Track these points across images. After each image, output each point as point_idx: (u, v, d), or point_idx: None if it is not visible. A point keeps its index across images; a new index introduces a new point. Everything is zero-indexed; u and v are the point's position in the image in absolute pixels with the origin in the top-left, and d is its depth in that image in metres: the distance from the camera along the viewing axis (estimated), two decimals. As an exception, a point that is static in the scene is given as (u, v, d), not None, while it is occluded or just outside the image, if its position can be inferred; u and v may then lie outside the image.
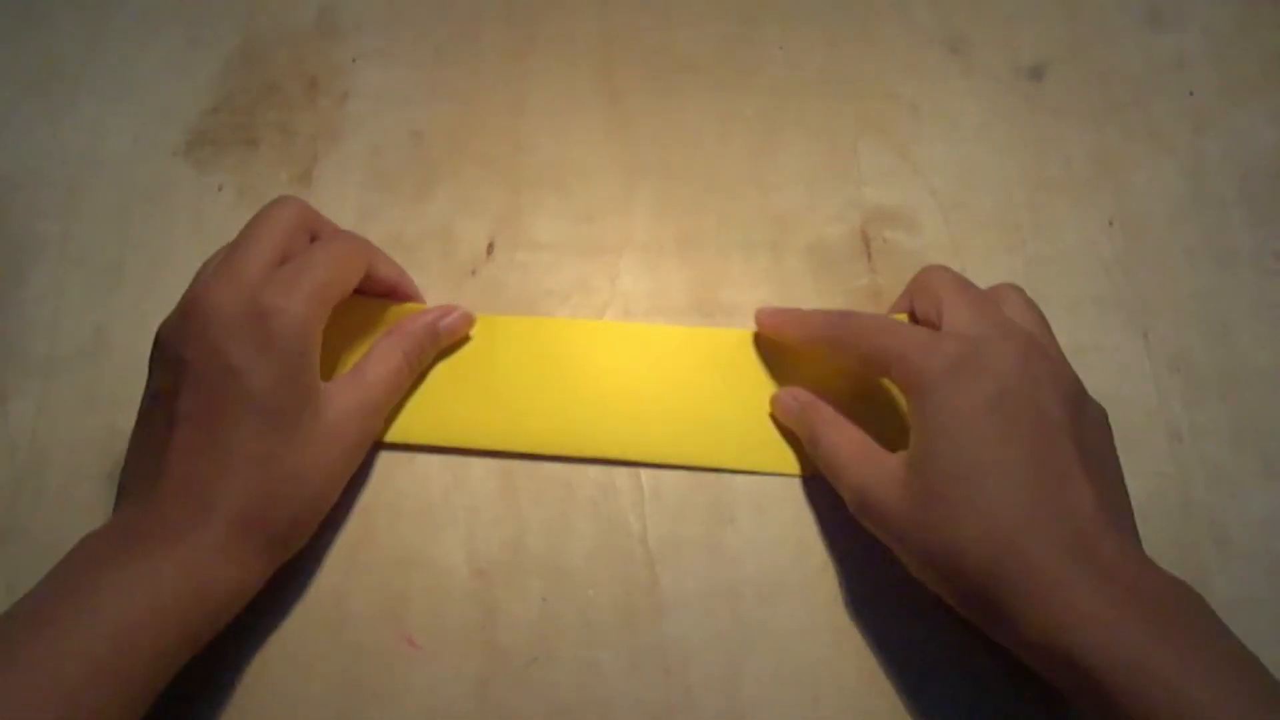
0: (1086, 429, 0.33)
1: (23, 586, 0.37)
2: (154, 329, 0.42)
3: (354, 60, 0.47)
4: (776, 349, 0.40)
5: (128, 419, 0.40)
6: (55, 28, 0.48)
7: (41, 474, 0.39)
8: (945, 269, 0.38)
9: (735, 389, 0.40)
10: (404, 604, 0.37)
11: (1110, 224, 0.44)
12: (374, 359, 0.37)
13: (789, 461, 0.39)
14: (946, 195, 0.45)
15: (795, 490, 0.39)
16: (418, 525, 0.38)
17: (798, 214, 0.44)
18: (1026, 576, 0.29)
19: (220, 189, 0.45)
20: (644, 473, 0.39)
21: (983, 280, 0.43)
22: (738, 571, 0.37)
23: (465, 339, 0.40)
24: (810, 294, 0.43)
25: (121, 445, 0.39)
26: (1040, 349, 0.34)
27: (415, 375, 0.39)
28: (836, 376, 0.39)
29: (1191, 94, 0.47)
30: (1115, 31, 0.48)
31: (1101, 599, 0.29)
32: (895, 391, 0.38)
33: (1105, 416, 0.35)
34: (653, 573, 0.37)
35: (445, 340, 0.40)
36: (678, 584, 0.37)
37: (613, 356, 0.40)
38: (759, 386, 0.40)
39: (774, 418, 0.39)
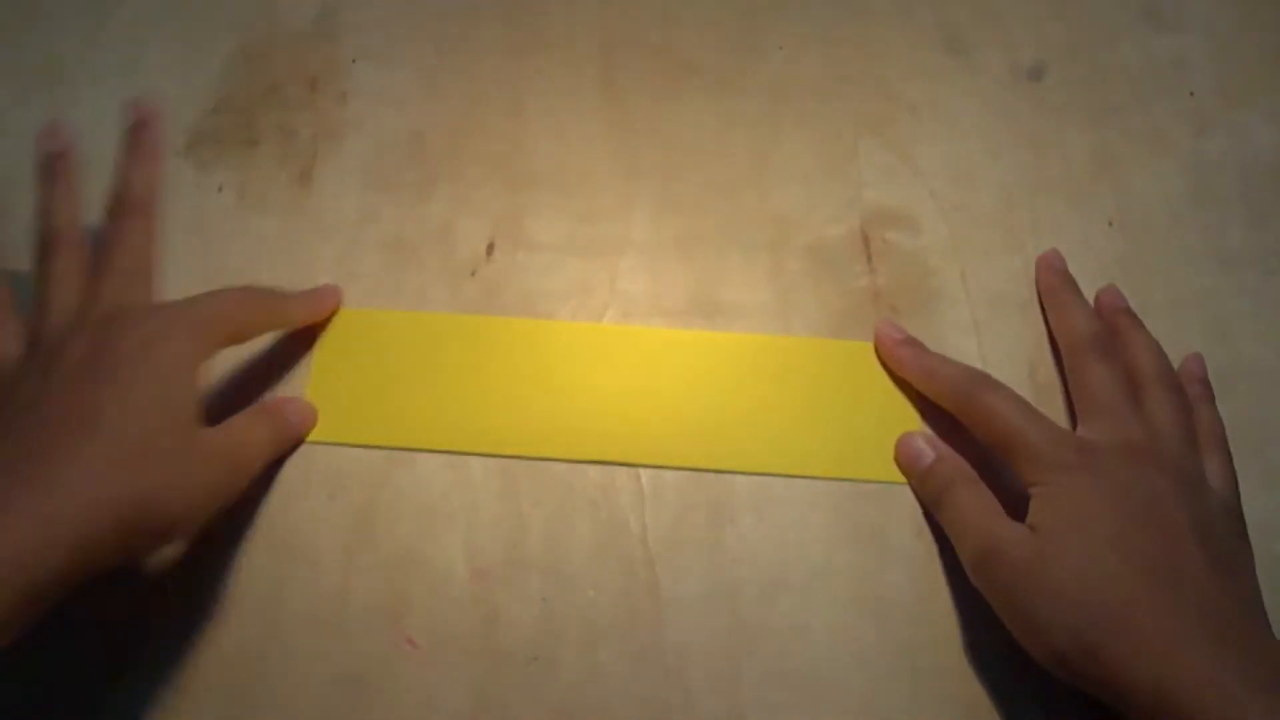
0: (1212, 526, 0.34)
1: (23, 587, 0.37)
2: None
3: (354, 60, 0.47)
4: (775, 353, 0.40)
5: (128, 419, 0.40)
6: (55, 27, 0.48)
7: (41, 474, 0.39)
8: (1128, 315, 0.40)
9: (740, 392, 0.40)
10: (404, 604, 0.37)
11: (1110, 224, 0.44)
12: (241, 425, 0.36)
13: (792, 462, 0.39)
14: (946, 195, 0.45)
15: (795, 490, 0.39)
16: (418, 525, 0.38)
17: (798, 214, 0.44)
18: (1147, 637, 0.30)
19: (220, 189, 0.45)
20: (644, 473, 0.39)
21: (983, 280, 0.43)
22: (738, 571, 0.37)
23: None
24: (810, 294, 0.43)
25: (121, 445, 0.39)
26: (1162, 463, 0.35)
27: (268, 456, 0.38)
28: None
29: (1191, 94, 0.47)
30: (1115, 31, 0.48)
31: (1219, 664, 0.29)
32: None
33: (1235, 516, 0.36)
34: (653, 573, 0.37)
35: (293, 431, 0.39)
36: (678, 584, 0.37)
37: (611, 359, 0.40)
38: (764, 390, 0.40)
39: (897, 461, 0.39)
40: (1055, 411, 0.40)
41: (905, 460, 0.38)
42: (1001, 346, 0.42)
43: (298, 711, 0.35)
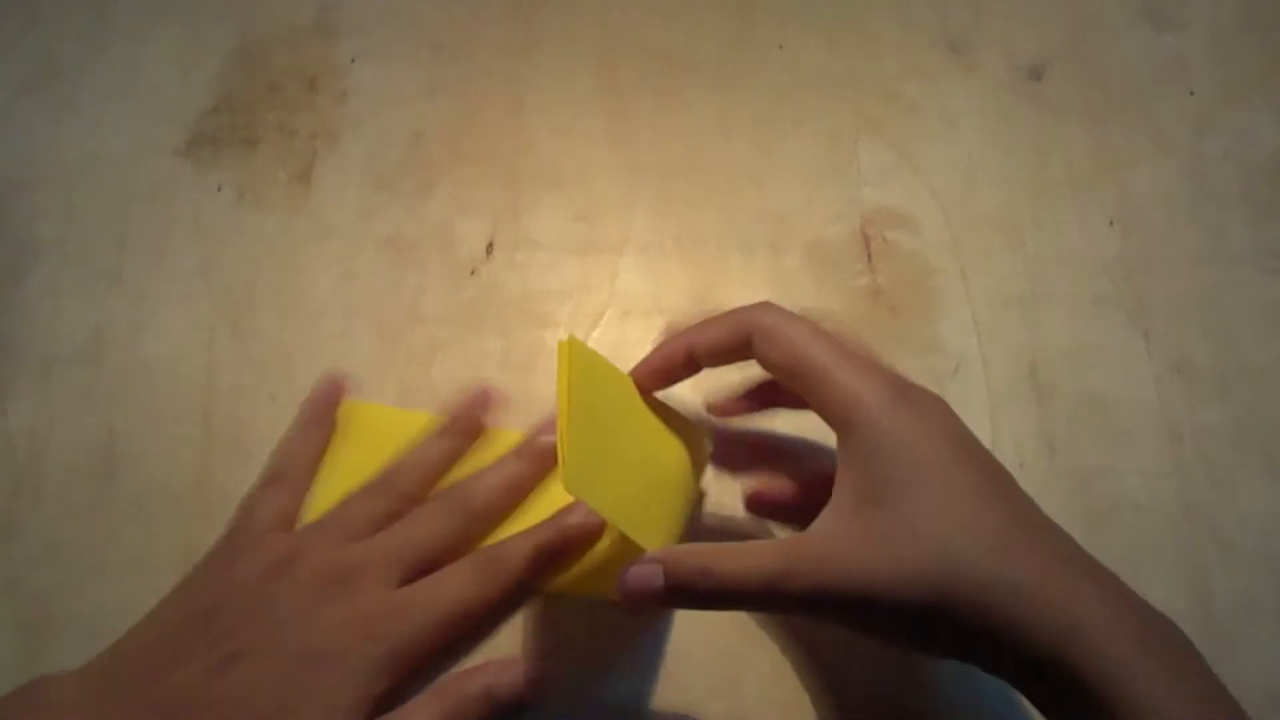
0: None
1: (22, 586, 0.37)
2: (153, 328, 0.42)
3: (353, 60, 0.47)
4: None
5: (126, 419, 0.40)
6: (55, 28, 0.48)
7: (41, 474, 0.39)
8: (780, 311, 0.33)
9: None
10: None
11: (1110, 224, 0.44)
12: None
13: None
14: (946, 195, 0.44)
15: (795, 490, 0.39)
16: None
17: (798, 214, 0.44)
18: (1033, 584, 0.27)
19: (220, 189, 0.45)
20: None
21: (983, 279, 0.43)
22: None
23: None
24: (810, 294, 0.42)
25: (121, 445, 0.39)
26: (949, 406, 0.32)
27: None
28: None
29: (1192, 94, 0.47)
30: (1115, 31, 0.48)
31: (1109, 613, 0.27)
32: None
33: None
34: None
35: (502, 706, 0.34)
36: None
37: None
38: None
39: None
40: (1059, 416, 0.40)
41: (641, 593, 0.30)
42: (1001, 346, 0.42)
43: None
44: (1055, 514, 0.39)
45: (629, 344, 0.42)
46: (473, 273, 0.43)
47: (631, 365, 0.39)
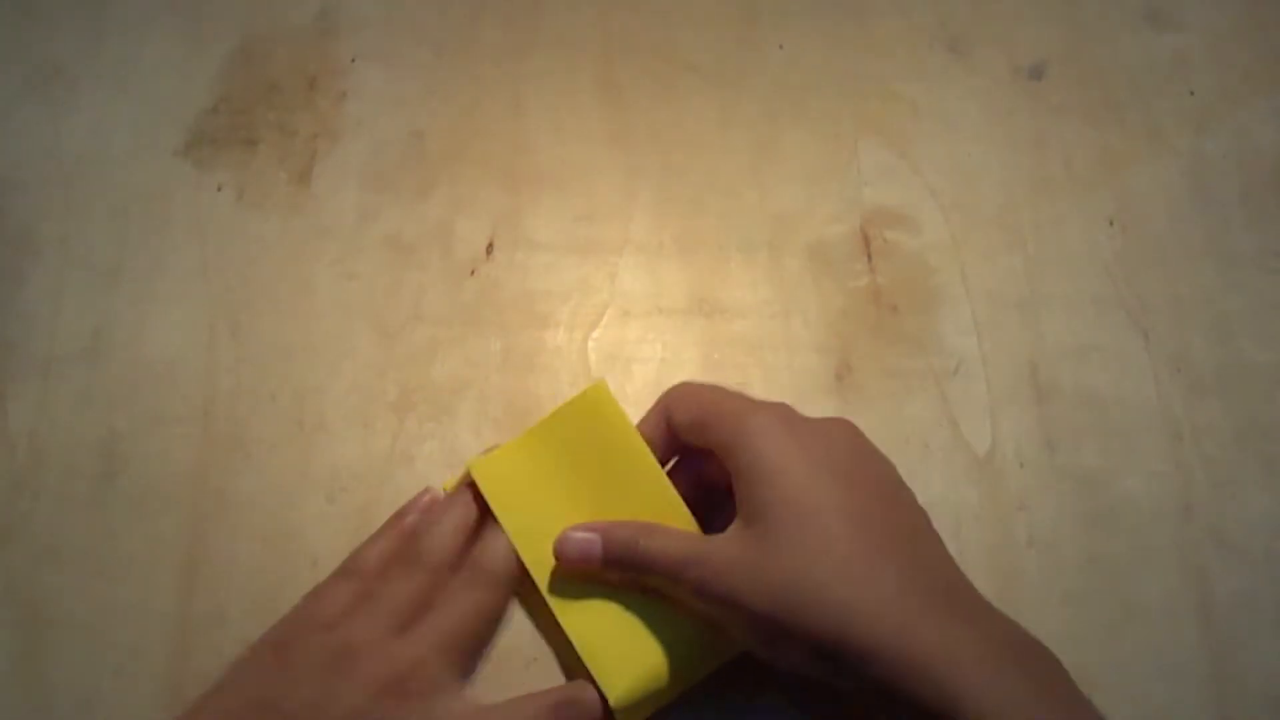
0: (910, 499, 0.33)
1: (22, 586, 0.37)
2: (154, 329, 0.42)
3: (354, 60, 0.47)
4: None
5: (127, 419, 0.40)
6: (55, 27, 0.48)
7: (40, 474, 0.39)
8: (710, 388, 0.36)
9: None
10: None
11: (1110, 224, 0.44)
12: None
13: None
14: (946, 195, 0.45)
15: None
16: (417, 525, 0.38)
17: (798, 214, 0.44)
18: (881, 609, 0.28)
19: (220, 189, 0.45)
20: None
21: (984, 279, 0.43)
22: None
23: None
24: (810, 294, 0.43)
25: (121, 445, 0.39)
26: (857, 428, 0.34)
27: None
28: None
29: (1192, 94, 0.47)
30: (1115, 31, 0.48)
31: (963, 641, 0.28)
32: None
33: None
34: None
35: None
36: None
37: None
38: None
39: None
40: (1059, 416, 0.40)
41: (579, 560, 0.35)
42: (1001, 346, 0.42)
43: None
44: (1055, 514, 0.40)
45: (629, 344, 0.42)
46: (473, 273, 0.43)
47: (632, 366, 0.39)
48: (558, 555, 0.35)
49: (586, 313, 0.42)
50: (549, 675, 0.36)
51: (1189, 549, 0.38)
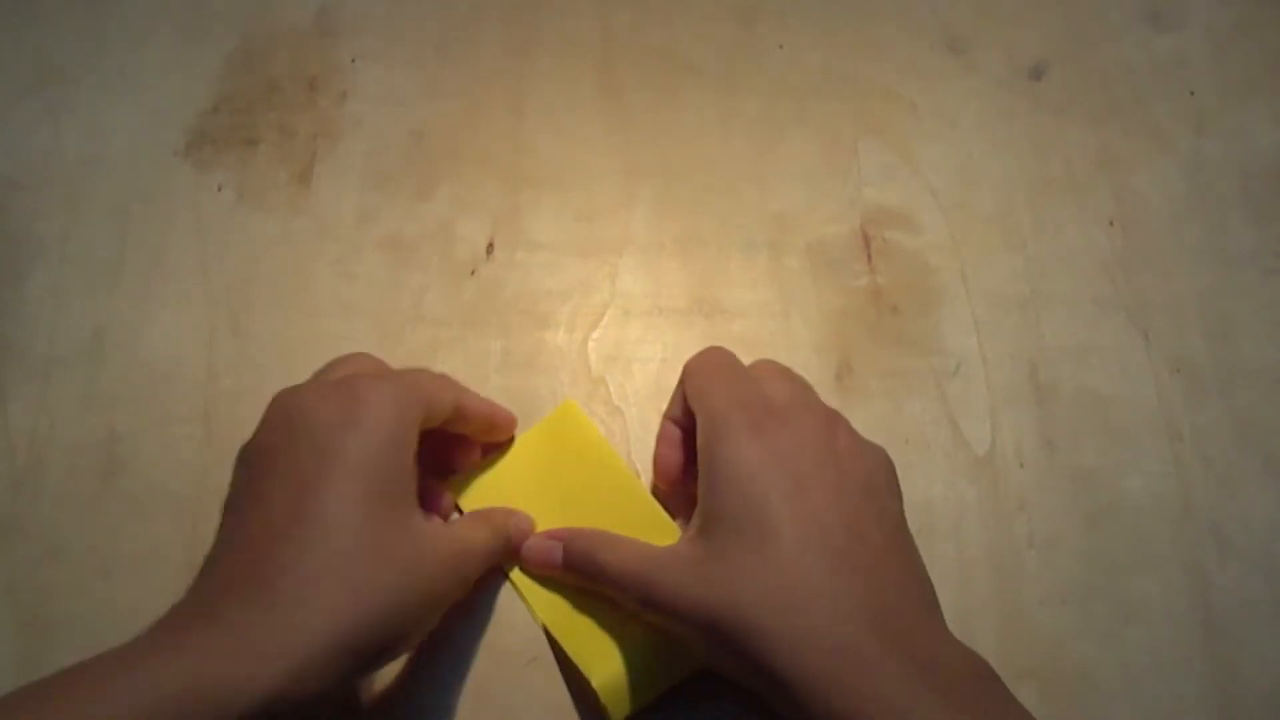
0: (889, 501, 0.32)
1: (22, 587, 0.37)
2: (154, 329, 0.42)
3: (354, 60, 0.47)
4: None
5: (127, 419, 0.40)
6: (55, 28, 0.48)
7: (41, 474, 0.39)
8: (719, 354, 0.36)
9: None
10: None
11: (1110, 224, 0.44)
12: (465, 524, 0.35)
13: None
14: (946, 195, 0.45)
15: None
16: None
17: (798, 214, 0.44)
18: (814, 640, 0.27)
19: (220, 189, 0.45)
20: (646, 474, 0.39)
21: (983, 279, 0.43)
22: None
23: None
24: (810, 294, 0.42)
25: (121, 445, 0.39)
26: (844, 424, 0.33)
27: (488, 564, 0.35)
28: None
29: (1192, 94, 0.47)
30: (1115, 31, 0.48)
31: (896, 676, 0.27)
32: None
33: (900, 495, 0.33)
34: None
35: (513, 544, 0.36)
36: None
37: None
38: None
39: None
40: (1059, 416, 0.40)
41: (541, 566, 0.35)
42: (1001, 346, 0.42)
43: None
44: (1055, 514, 0.40)
45: (629, 344, 0.42)
46: (473, 273, 0.43)
47: (632, 366, 0.39)
48: (522, 560, 0.36)
49: (587, 313, 0.42)
50: (549, 675, 0.36)
51: (1189, 549, 0.38)
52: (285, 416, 0.31)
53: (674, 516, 0.36)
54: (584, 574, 0.34)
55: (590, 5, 0.48)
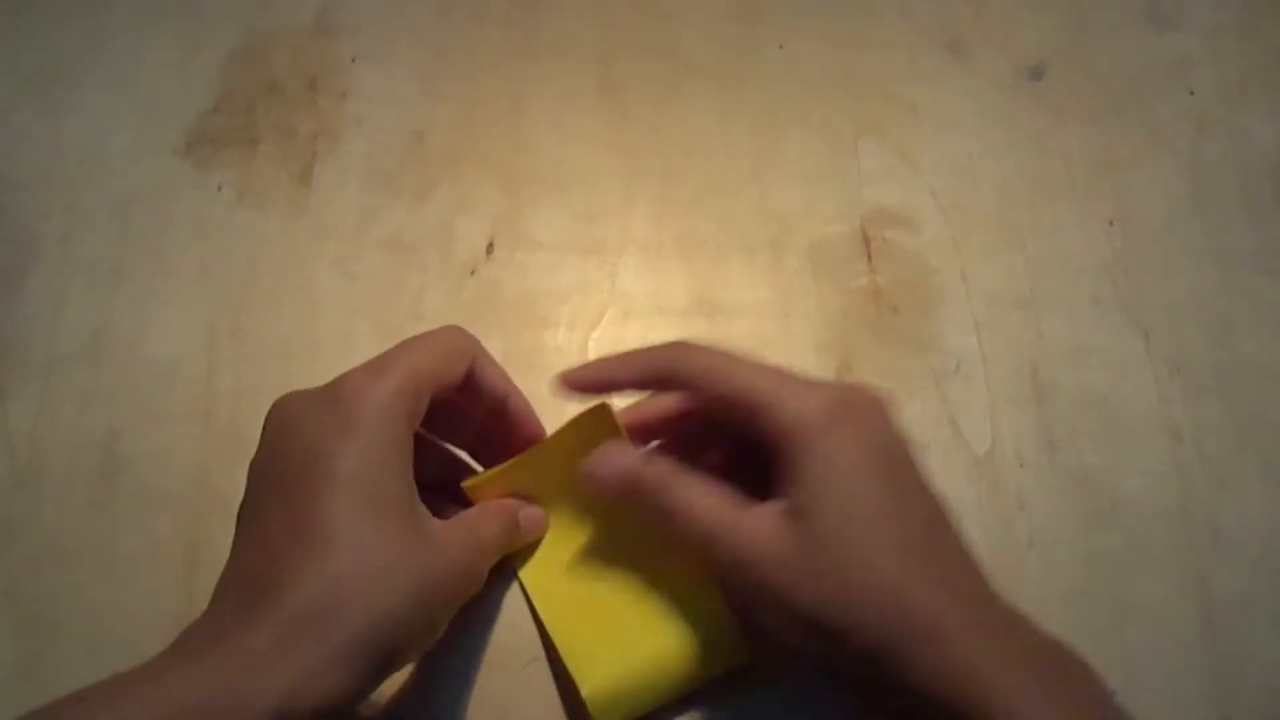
0: (930, 485, 0.32)
1: (22, 587, 0.37)
2: (154, 329, 0.42)
3: (354, 60, 0.47)
4: None
5: (127, 419, 0.40)
6: (55, 28, 0.48)
7: (41, 474, 0.39)
8: (714, 350, 0.33)
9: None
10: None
11: (1110, 224, 0.44)
12: (473, 516, 0.33)
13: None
14: (946, 195, 0.45)
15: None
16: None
17: (798, 214, 0.44)
18: (926, 623, 0.28)
19: (220, 189, 0.45)
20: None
21: (983, 279, 0.43)
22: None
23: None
24: (810, 294, 0.42)
25: (121, 445, 0.39)
26: (891, 406, 0.33)
27: (499, 554, 0.34)
28: None
29: (1191, 94, 0.47)
30: (1115, 31, 0.48)
31: (999, 652, 0.28)
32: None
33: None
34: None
35: (524, 538, 0.36)
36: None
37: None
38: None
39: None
40: (1059, 416, 0.40)
41: (605, 480, 0.33)
42: (1001, 346, 0.42)
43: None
44: (1055, 514, 0.40)
45: (629, 344, 0.41)
46: (473, 273, 0.43)
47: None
48: (590, 472, 0.33)
49: (586, 313, 0.42)
50: (549, 675, 0.36)
51: (1189, 549, 0.38)
52: (279, 428, 0.31)
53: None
54: (654, 508, 0.32)
55: (590, 5, 0.48)
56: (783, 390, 0.31)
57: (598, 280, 0.43)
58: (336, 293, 0.42)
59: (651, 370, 0.34)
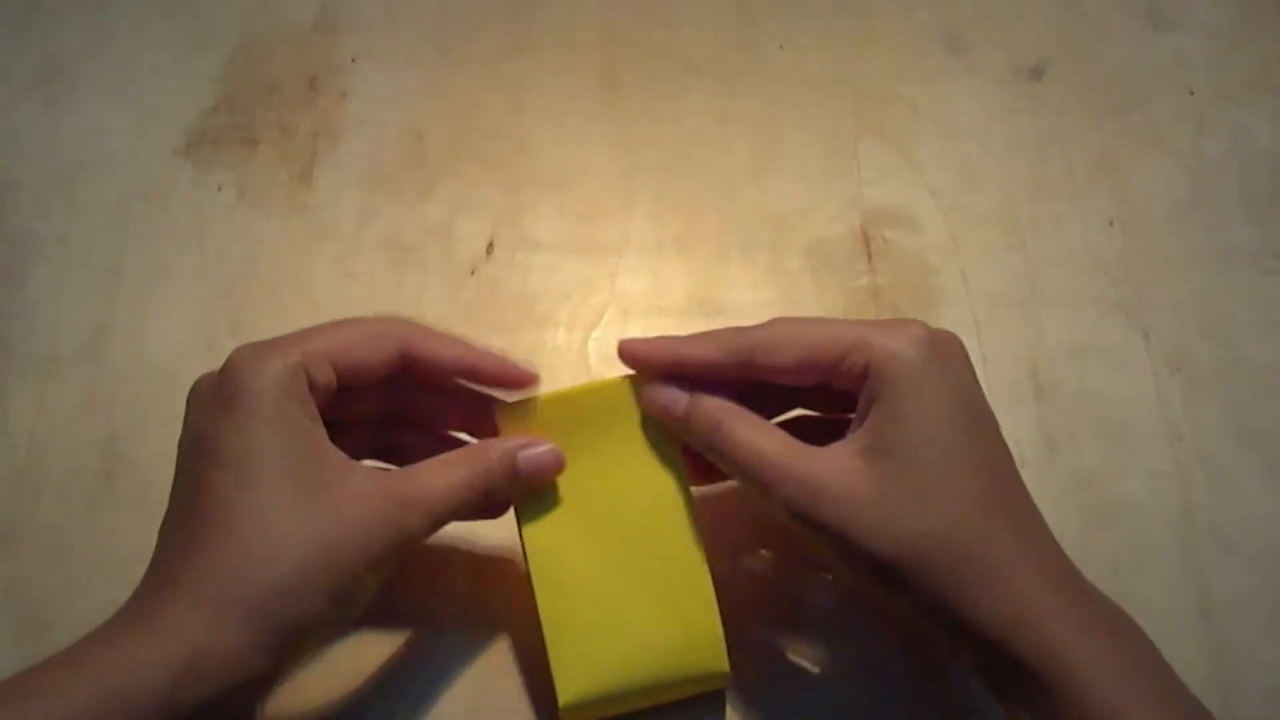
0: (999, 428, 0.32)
1: (22, 586, 0.37)
2: (154, 329, 0.42)
3: (354, 60, 0.47)
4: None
5: (127, 419, 0.40)
6: (55, 28, 0.48)
7: (41, 474, 0.39)
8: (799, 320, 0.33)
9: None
10: (404, 603, 0.37)
11: (1110, 224, 0.44)
12: (433, 464, 0.31)
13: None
14: (946, 195, 0.45)
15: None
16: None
17: (798, 214, 0.44)
18: (996, 568, 0.28)
19: (220, 189, 0.45)
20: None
21: (983, 279, 0.43)
22: (738, 571, 0.37)
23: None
24: (810, 294, 0.42)
25: (121, 445, 0.39)
26: (960, 353, 0.32)
27: (481, 506, 0.32)
28: None
29: (1192, 94, 0.47)
30: (1115, 31, 0.48)
31: (1063, 605, 0.28)
32: None
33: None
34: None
35: (525, 481, 0.33)
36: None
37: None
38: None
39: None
40: (1059, 416, 0.40)
41: (660, 411, 0.32)
42: (1001, 346, 0.42)
43: (297, 711, 0.35)
44: (1055, 513, 0.39)
45: (629, 344, 0.42)
46: (473, 273, 0.43)
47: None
48: (650, 397, 0.32)
49: (586, 313, 0.42)
50: (549, 675, 0.36)
51: (1189, 549, 0.38)
52: (186, 413, 0.31)
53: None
54: (706, 444, 0.31)
55: (590, 5, 0.48)
56: (869, 331, 0.31)
57: (597, 280, 0.43)
58: (336, 292, 0.42)
59: (730, 348, 0.32)
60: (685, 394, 0.32)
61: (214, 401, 0.30)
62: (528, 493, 0.33)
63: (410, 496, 0.30)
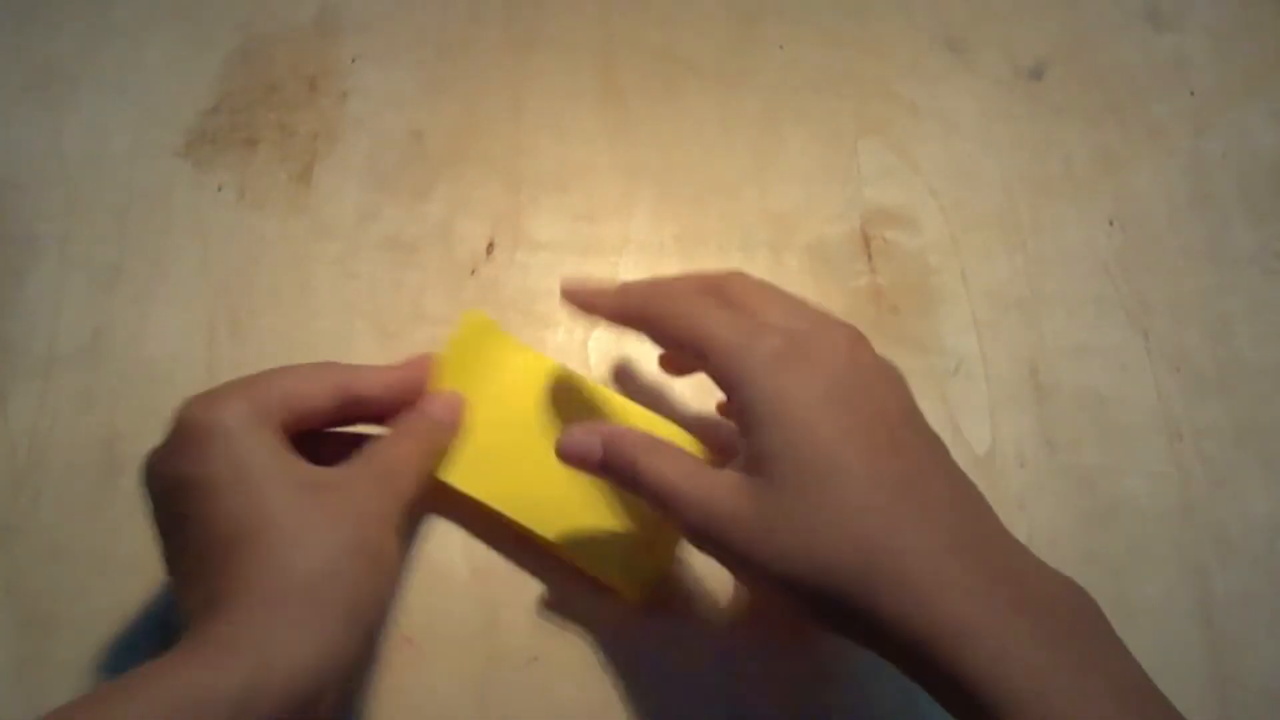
0: (921, 420, 0.31)
1: (22, 587, 0.37)
2: (154, 329, 0.42)
3: (354, 60, 0.47)
4: None
5: (127, 419, 0.40)
6: (55, 28, 0.48)
7: (41, 473, 0.39)
8: (744, 275, 0.34)
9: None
10: (403, 604, 0.37)
11: (1110, 224, 0.44)
12: (381, 442, 0.33)
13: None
14: (946, 195, 0.45)
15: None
16: (417, 524, 0.38)
17: (798, 214, 0.44)
18: (903, 579, 0.26)
19: (220, 189, 0.45)
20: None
21: (983, 279, 0.43)
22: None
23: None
24: (810, 294, 0.42)
25: (121, 445, 0.39)
26: (865, 340, 0.31)
27: (435, 456, 0.35)
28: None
29: (1192, 94, 0.47)
30: (1115, 31, 0.48)
31: (986, 603, 0.26)
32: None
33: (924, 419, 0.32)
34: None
35: (451, 422, 0.36)
36: (678, 583, 0.37)
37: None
38: None
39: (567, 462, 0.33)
40: (1059, 416, 0.40)
41: (576, 461, 0.33)
42: (1001, 346, 0.42)
43: (297, 711, 0.35)
44: (1055, 514, 0.40)
45: (629, 344, 0.42)
46: (473, 273, 0.43)
47: (633, 366, 0.39)
48: (558, 451, 0.33)
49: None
50: (549, 675, 0.36)
51: (1189, 549, 0.38)
52: (146, 480, 0.31)
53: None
54: (624, 480, 0.32)
55: (590, 5, 0.48)
56: (733, 335, 0.30)
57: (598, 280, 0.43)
58: (336, 292, 0.42)
59: (623, 309, 0.34)
60: (598, 437, 0.32)
61: (180, 452, 0.30)
62: (468, 472, 0.36)
63: (387, 466, 0.32)
